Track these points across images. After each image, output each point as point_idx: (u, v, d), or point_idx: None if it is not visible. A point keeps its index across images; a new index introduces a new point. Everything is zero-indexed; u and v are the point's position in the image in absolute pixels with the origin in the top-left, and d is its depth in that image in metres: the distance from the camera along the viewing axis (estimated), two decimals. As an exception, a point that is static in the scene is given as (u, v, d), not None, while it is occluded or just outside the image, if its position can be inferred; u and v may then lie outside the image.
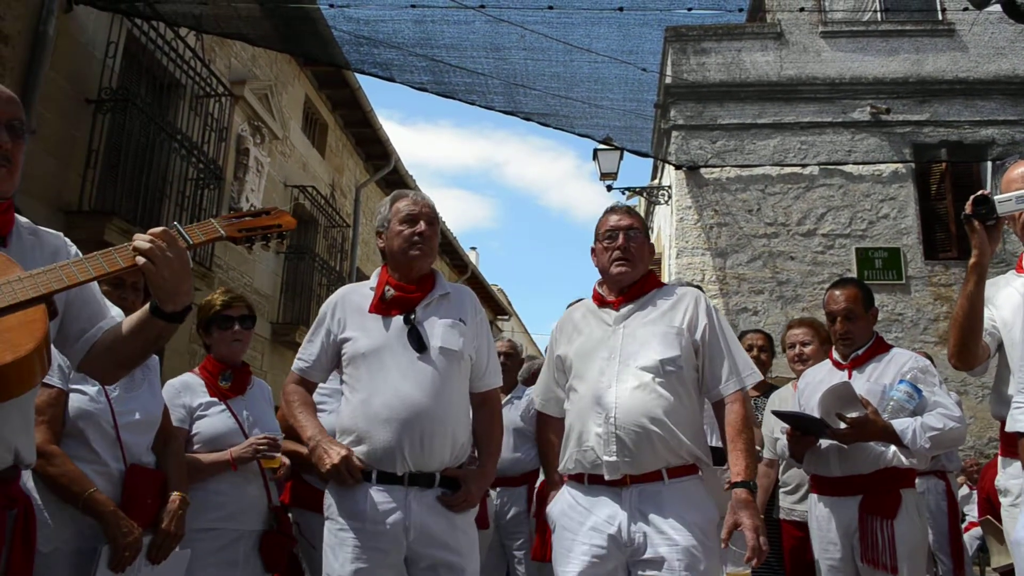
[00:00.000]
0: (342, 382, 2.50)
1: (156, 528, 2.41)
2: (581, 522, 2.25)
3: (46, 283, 1.45)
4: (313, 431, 2.39)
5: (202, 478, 2.72)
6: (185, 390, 2.86)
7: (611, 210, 2.56)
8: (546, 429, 2.59)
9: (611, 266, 2.44)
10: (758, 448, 3.41)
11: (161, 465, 2.53)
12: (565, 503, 2.33)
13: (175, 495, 2.49)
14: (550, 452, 2.52)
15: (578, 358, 2.42)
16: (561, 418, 2.49)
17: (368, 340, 2.41)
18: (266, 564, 2.80)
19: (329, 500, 2.37)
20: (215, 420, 2.83)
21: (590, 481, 2.29)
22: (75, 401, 2.32)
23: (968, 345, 2.17)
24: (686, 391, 2.30)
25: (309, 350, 2.53)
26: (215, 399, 2.86)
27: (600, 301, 2.49)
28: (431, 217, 2.52)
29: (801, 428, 3.02)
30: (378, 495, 2.29)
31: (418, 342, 2.38)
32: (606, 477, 2.23)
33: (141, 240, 1.54)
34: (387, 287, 2.47)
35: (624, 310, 2.41)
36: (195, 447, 2.79)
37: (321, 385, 3.20)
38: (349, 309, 2.50)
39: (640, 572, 2.15)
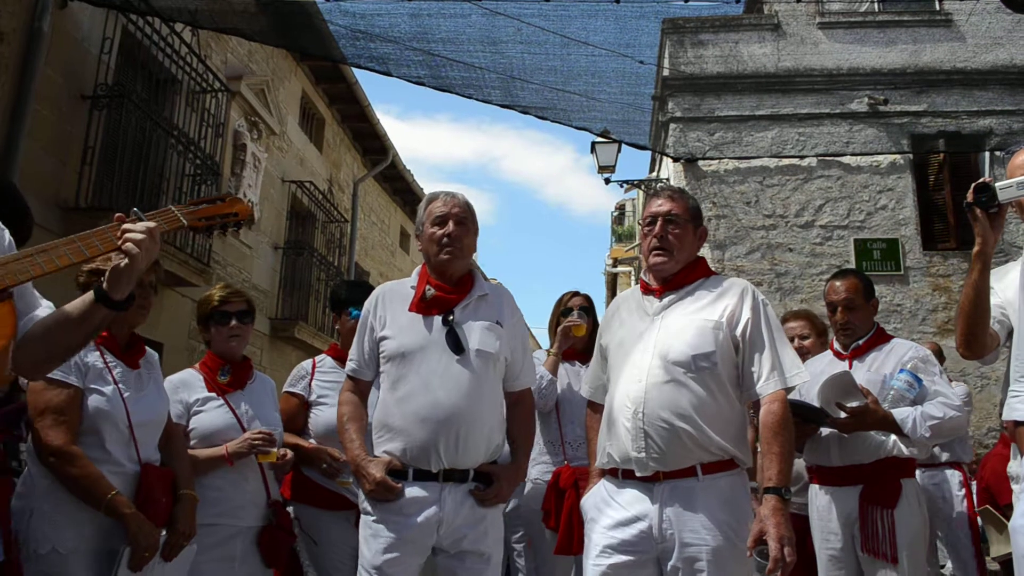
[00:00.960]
0: (377, 376, 2.50)
1: (170, 526, 2.43)
2: (613, 517, 2.21)
3: (11, 273, 1.39)
4: (355, 451, 2.40)
5: (198, 474, 2.72)
6: (183, 386, 2.86)
7: (654, 194, 2.48)
8: (593, 418, 2.55)
9: (649, 255, 2.36)
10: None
11: (166, 462, 2.55)
12: (599, 497, 2.30)
13: (187, 493, 2.52)
14: (595, 442, 2.47)
15: (615, 348, 2.38)
16: None
17: (407, 339, 2.43)
18: (265, 559, 2.80)
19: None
20: (212, 415, 2.82)
21: (623, 476, 2.25)
22: (93, 401, 2.34)
23: (976, 334, 2.15)
24: (720, 388, 2.20)
25: (357, 350, 2.54)
26: (212, 394, 2.85)
27: (645, 289, 2.42)
28: (460, 217, 2.49)
29: (801, 417, 3.02)
30: (414, 491, 2.32)
31: (456, 344, 2.39)
32: (636, 473, 2.19)
33: (136, 233, 1.54)
34: (427, 287, 2.48)
35: (666, 300, 2.33)
36: (192, 443, 2.79)
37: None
38: (389, 307, 2.51)
39: (669, 569, 2.12)
